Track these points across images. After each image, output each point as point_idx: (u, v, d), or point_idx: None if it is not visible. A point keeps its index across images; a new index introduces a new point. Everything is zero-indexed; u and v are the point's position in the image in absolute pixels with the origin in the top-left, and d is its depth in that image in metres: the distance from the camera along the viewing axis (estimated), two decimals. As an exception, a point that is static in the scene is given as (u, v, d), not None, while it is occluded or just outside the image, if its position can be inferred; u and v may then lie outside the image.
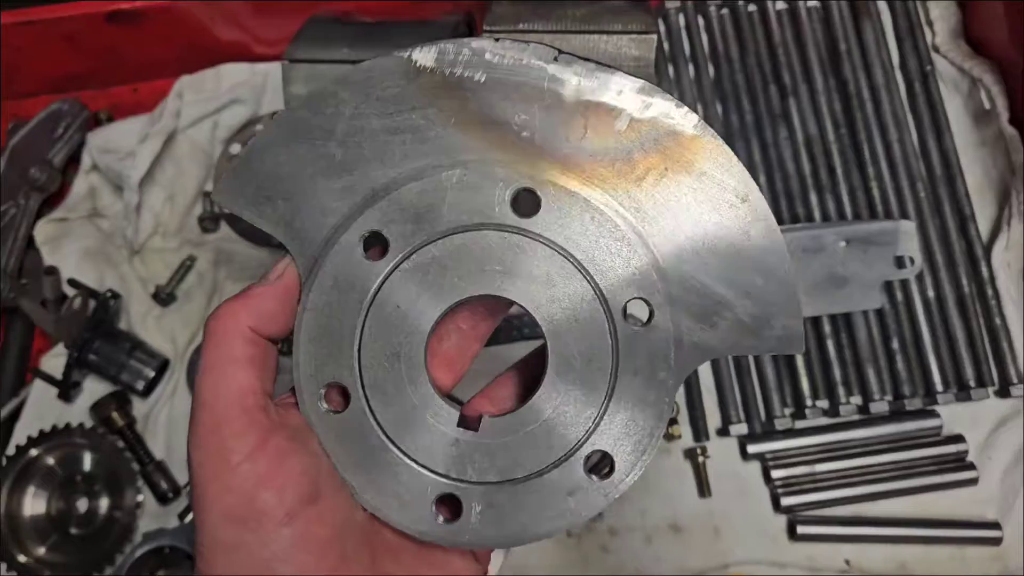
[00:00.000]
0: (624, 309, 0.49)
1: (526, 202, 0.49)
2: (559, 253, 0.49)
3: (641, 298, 0.49)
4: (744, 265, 0.49)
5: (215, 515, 0.45)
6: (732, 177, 0.49)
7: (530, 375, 0.55)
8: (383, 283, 0.49)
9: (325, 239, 0.50)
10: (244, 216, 0.51)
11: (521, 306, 0.50)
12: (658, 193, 0.49)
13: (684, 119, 0.49)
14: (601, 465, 0.51)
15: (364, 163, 0.49)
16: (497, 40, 0.49)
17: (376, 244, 0.50)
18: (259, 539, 0.44)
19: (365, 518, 0.51)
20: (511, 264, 0.49)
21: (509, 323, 1.08)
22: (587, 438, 0.50)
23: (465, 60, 0.49)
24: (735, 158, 0.49)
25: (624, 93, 0.49)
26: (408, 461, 0.50)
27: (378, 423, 0.50)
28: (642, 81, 0.49)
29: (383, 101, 0.49)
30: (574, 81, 0.48)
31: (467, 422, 0.51)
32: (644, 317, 0.49)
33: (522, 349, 0.92)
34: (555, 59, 0.49)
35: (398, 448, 0.50)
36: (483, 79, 0.49)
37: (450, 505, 0.51)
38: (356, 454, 0.50)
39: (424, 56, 0.49)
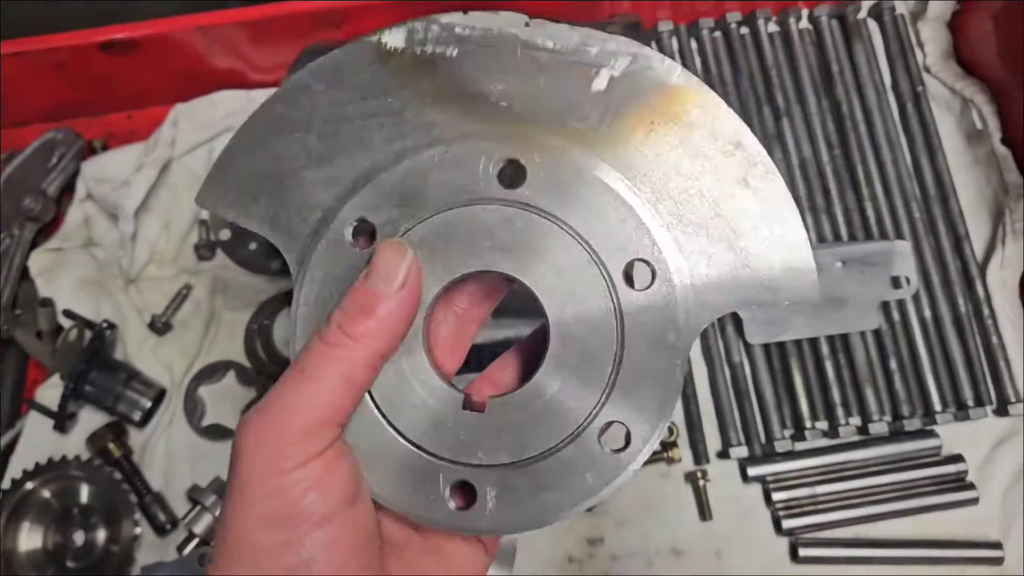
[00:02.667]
0: (624, 273, 0.48)
1: (512, 173, 0.48)
2: (551, 221, 0.47)
3: (641, 259, 0.47)
4: (743, 213, 0.48)
5: (254, 516, 0.43)
6: (723, 123, 0.47)
7: (533, 354, 0.53)
8: None
9: (312, 232, 0.49)
10: (228, 217, 0.50)
11: (517, 279, 0.48)
12: (648, 149, 0.47)
13: (666, 70, 0.47)
14: (616, 437, 0.48)
15: (344, 152, 0.49)
16: (466, 13, 0.48)
17: (364, 231, 0.49)
18: (293, 541, 0.43)
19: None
20: (502, 238, 0.48)
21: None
22: (598, 410, 0.48)
23: (435, 37, 0.48)
24: (723, 104, 0.47)
25: (602, 51, 0.47)
26: (416, 450, 0.49)
27: (382, 413, 0.49)
28: (619, 37, 0.47)
29: (357, 87, 0.48)
30: (549, 44, 0.47)
31: (472, 405, 0.49)
32: (647, 280, 0.48)
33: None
34: (526, 24, 0.48)
35: (404, 437, 0.49)
36: (455, 54, 0.48)
37: (464, 492, 0.49)
38: (363, 448, 0.49)
39: (393, 37, 0.48)
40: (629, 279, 0.48)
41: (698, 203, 0.48)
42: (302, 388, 0.44)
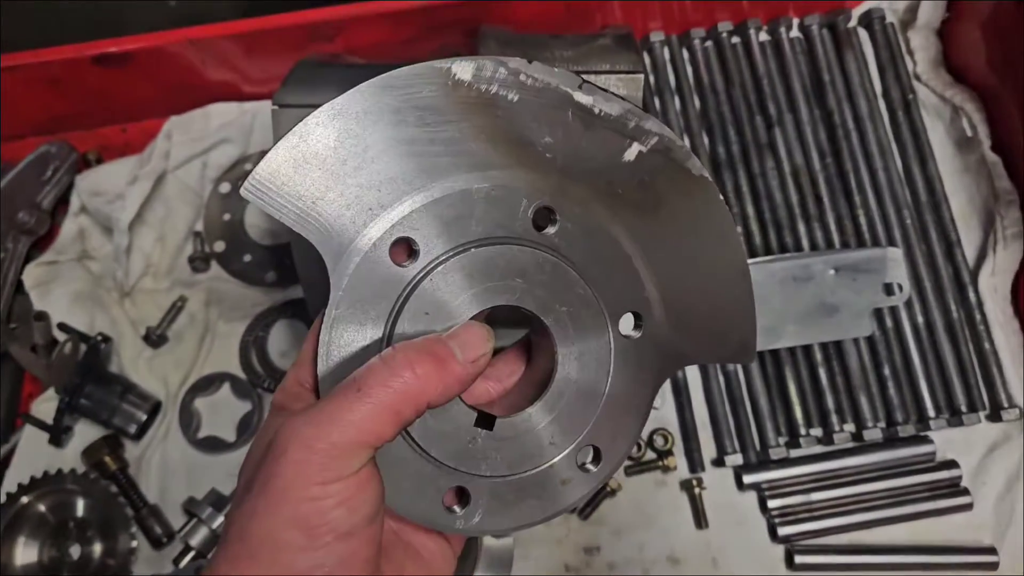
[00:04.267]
0: (619, 320, 0.55)
1: (544, 218, 0.53)
2: (571, 269, 0.53)
3: (634, 312, 0.56)
4: (717, 290, 0.57)
5: (285, 516, 0.44)
6: (718, 217, 0.56)
7: (523, 356, 0.61)
8: (412, 288, 0.51)
9: (355, 241, 0.50)
10: (275, 215, 0.49)
11: (538, 317, 0.53)
12: (657, 220, 0.55)
13: (685, 157, 0.55)
14: (592, 458, 0.57)
15: (399, 169, 0.50)
16: (531, 62, 0.51)
17: (405, 250, 0.51)
18: (311, 548, 0.45)
19: None
20: (533, 279, 0.52)
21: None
22: (585, 435, 0.55)
23: (501, 78, 0.51)
24: (721, 199, 0.56)
25: (638, 126, 0.53)
26: (423, 455, 0.52)
27: None
28: (653, 118, 0.53)
29: (421, 111, 0.50)
30: (596, 109, 0.53)
31: (483, 420, 0.53)
32: (634, 328, 0.56)
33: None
34: (580, 87, 0.52)
35: (415, 443, 0.51)
36: (516, 99, 0.51)
37: (458, 495, 0.54)
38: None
39: (462, 70, 0.50)
40: (624, 327, 0.55)
41: (685, 274, 0.57)
42: (356, 408, 0.46)
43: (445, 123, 0.50)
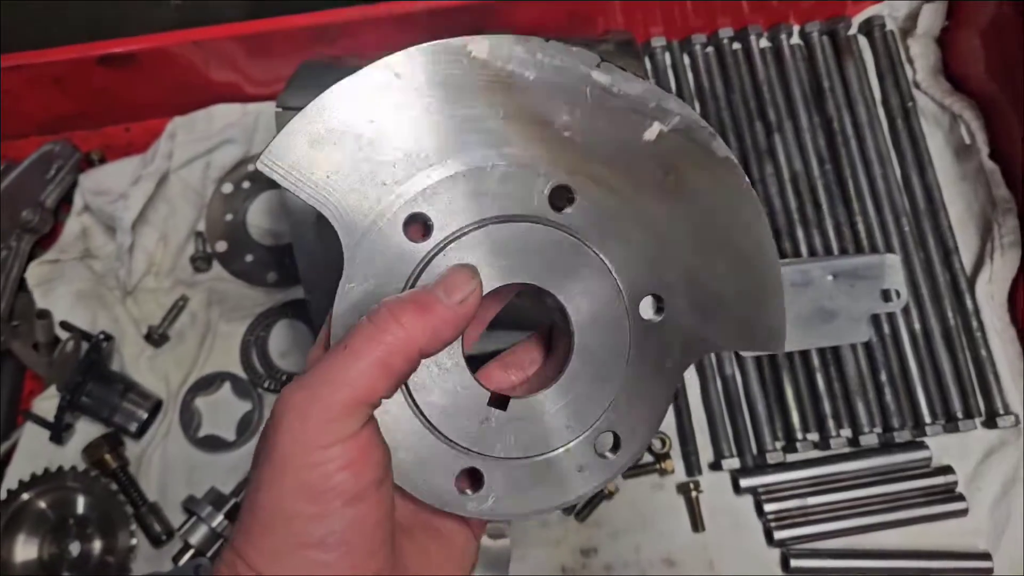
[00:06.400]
0: (639, 304, 0.53)
1: (561, 197, 0.52)
2: (588, 249, 0.52)
3: (656, 295, 0.54)
4: (744, 275, 0.55)
5: (290, 486, 0.45)
6: (744, 198, 0.54)
7: (543, 345, 0.60)
8: (426, 264, 0.51)
9: (370, 218, 0.50)
10: (290, 188, 0.50)
11: (554, 296, 0.53)
12: (678, 201, 0.53)
13: (709, 138, 0.53)
14: (608, 443, 0.55)
15: (414, 145, 0.50)
16: (547, 40, 0.51)
17: (420, 226, 0.51)
18: (321, 515, 0.45)
19: None
20: (545, 256, 0.52)
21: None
22: (601, 420, 0.54)
23: (518, 57, 0.50)
24: (746, 180, 0.54)
25: (659, 106, 0.52)
26: (437, 436, 0.52)
27: (411, 397, 0.51)
28: (675, 97, 0.52)
29: (437, 87, 0.50)
30: (615, 88, 0.51)
31: (497, 401, 0.52)
32: (656, 312, 0.54)
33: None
34: (598, 65, 0.51)
35: (428, 423, 0.51)
36: (532, 77, 0.51)
37: (472, 478, 0.53)
38: (385, 426, 0.51)
39: (479, 48, 0.50)
40: (644, 310, 0.54)
41: (709, 258, 0.55)
42: (345, 365, 0.45)
43: (461, 100, 0.50)
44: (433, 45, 0.50)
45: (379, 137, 0.50)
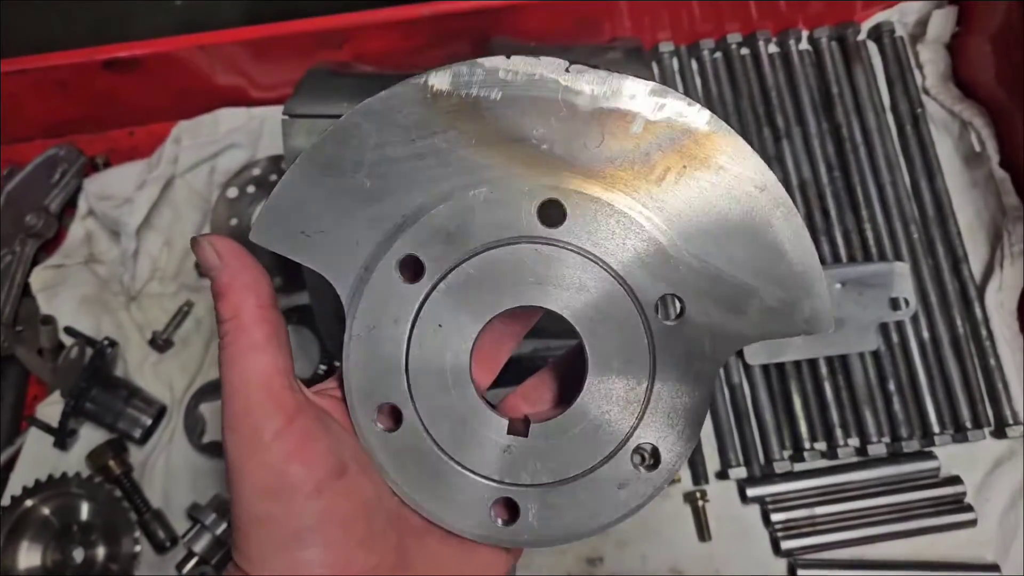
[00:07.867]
0: (656, 305, 0.51)
1: (552, 212, 0.50)
2: (589, 259, 0.50)
3: (672, 294, 0.51)
4: (768, 252, 0.51)
5: (249, 489, 0.47)
6: (749, 168, 0.50)
7: (568, 372, 0.58)
8: (423, 304, 0.51)
9: (362, 267, 0.51)
10: (281, 252, 0.52)
11: (560, 315, 0.51)
12: (679, 191, 0.50)
13: (697, 116, 0.49)
14: (648, 457, 0.53)
15: (392, 190, 0.51)
16: (508, 57, 0.49)
17: (412, 267, 0.51)
18: (289, 511, 0.47)
19: (394, 503, 0.53)
20: (544, 274, 0.51)
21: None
22: (632, 432, 0.52)
23: (479, 80, 0.49)
24: (749, 148, 0.50)
25: (637, 97, 0.49)
26: (464, 471, 0.52)
27: (431, 437, 0.52)
28: (653, 83, 0.50)
29: (405, 128, 0.50)
30: (587, 90, 0.49)
31: (516, 428, 0.52)
32: (676, 312, 0.51)
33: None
34: (567, 70, 0.49)
35: (453, 460, 0.52)
36: (499, 97, 0.49)
37: (507, 507, 0.53)
38: (413, 469, 0.53)
39: (439, 80, 0.49)
40: (661, 311, 0.51)
41: (731, 248, 0.51)
42: (241, 366, 0.49)
43: (431, 135, 0.50)
44: (396, 88, 0.50)
45: (357, 189, 0.51)
